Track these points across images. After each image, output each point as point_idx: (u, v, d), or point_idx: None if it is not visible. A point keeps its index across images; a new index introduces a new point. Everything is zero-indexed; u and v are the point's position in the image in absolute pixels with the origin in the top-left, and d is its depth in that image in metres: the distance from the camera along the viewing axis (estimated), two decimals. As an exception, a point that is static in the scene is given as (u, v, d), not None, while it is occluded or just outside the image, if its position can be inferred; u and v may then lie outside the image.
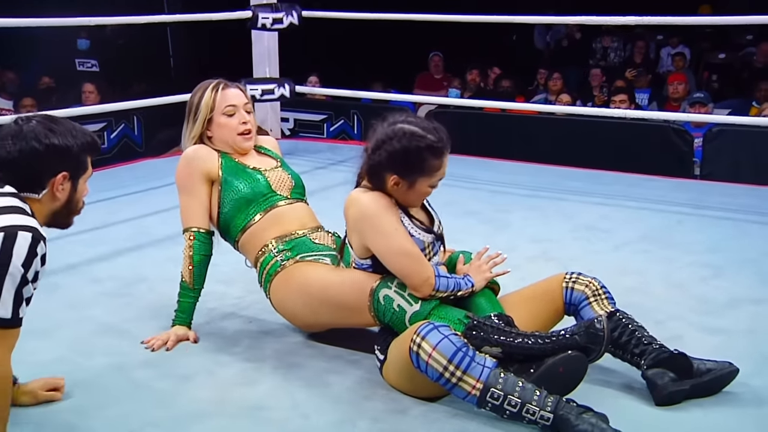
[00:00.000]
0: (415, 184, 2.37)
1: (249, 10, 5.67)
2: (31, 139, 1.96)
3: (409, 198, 2.42)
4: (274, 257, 2.68)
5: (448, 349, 2.11)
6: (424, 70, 9.47)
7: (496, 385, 2.09)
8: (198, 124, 2.81)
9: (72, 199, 2.07)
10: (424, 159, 2.34)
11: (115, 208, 4.39)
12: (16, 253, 1.84)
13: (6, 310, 1.85)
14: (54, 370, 2.49)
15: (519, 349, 2.24)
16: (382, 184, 2.39)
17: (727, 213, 4.35)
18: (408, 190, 2.39)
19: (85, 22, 5.19)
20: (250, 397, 2.37)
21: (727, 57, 9.38)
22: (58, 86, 8.17)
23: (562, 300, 2.48)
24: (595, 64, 9.25)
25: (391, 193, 2.40)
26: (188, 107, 2.85)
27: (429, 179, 2.38)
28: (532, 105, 7.47)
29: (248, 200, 2.75)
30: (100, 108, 5.71)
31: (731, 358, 2.49)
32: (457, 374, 2.10)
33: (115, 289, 3.24)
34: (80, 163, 2.05)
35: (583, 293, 2.46)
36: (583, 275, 2.50)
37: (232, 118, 2.80)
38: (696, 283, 3.30)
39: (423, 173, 2.36)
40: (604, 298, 2.46)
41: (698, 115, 6.00)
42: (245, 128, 2.82)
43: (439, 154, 2.35)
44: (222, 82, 2.84)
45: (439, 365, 2.11)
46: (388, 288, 2.38)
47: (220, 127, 2.80)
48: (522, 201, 4.63)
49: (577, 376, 2.23)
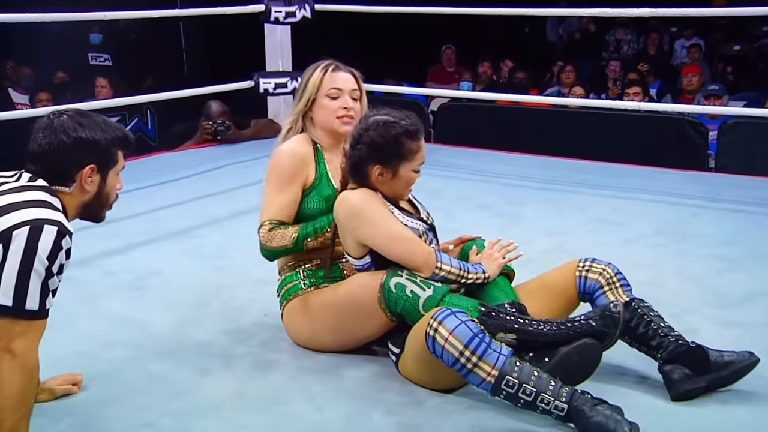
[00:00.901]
0: (398, 170, 2.42)
1: (262, 3, 5.67)
2: (60, 133, 2.00)
3: (395, 188, 2.46)
4: (299, 279, 2.63)
5: (465, 335, 2.11)
6: (437, 63, 9.45)
7: (511, 373, 2.08)
8: (302, 102, 2.73)
9: (102, 191, 2.10)
10: (401, 143, 2.39)
11: (129, 201, 4.39)
12: (41, 246, 1.87)
13: (34, 302, 1.89)
14: (71, 362, 2.51)
15: (534, 335, 2.24)
16: (366, 178, 2.43)
17: (742, 206, 4.33)
18: (393, 180, 2.43)
19: (99, 16, 5.19)
20: (265, 390, 2.38)
21: (742, 48, 9.32)
22: (72, 81, 8.19)
23: (575, 289, 2.48)
24: (609, 56, 9.20)
25: (377, 186, 2.44)
26: (298, 86, 2.80)
27: (410, 164, 2.42)
28: (545, 98, 7.44)
29: (309, 218, 2.65)
30: (114, 102, 5.73)
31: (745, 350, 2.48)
32: (473, 360, 2.10)
33: (130, 282, 3.25)
34: (109, 156, 2.08)
35: (597, 282, 2.45)
36: (596, 262, 2.49)
37: (335, 101, 2.70)
38: (711, 276, 3.29)
39: (403, 158, 2.41)
40: (618, 287, 2.44)
41: (713, 107, 5.96)
42: (345, 113, 2.69)
43: (414, 137, 2.41)
44: (334, 63, 2.76)
45: (455, 350, 2.11)
46: (399, 276, 2.36)
47: (321, 108, 2.70)
48: (535, 194, 4.62)
49: (591, 364, 2.23)
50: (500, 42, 9.43)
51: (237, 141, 5.86)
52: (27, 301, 1.88)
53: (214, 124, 5.80)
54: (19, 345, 1.89)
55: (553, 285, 2.52)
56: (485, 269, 2.47)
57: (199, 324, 2.83)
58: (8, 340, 1.88)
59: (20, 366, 1.90)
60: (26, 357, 1.91)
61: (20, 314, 1.88)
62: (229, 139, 5.84)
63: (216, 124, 5.80)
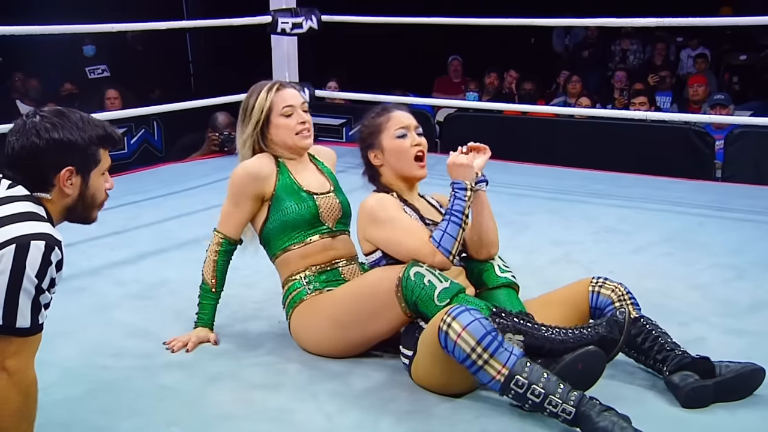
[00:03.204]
0: (382, 145, 2.61)
1: (269, 15, 5.69)
2: (32, 135, 1.90)
3: (395, 163, 2.61)
4: (303, 285, 2.67)
5: (478, 331, 2.12)
6: (443, 74, 9.47)
7: (521, 373, 2.09)
8: (251, 125, 2.78)
9: (85, 193, 1.99)
10: (371, 123, 2.64)
11: (137, 212, 4.43)
12: (29, 264, 1.81)
13: (25, 319, 1.84)
14: (81, 372, 2.53)
15: (541, 339, 2.25)
16: (371, 167, 2.66)
17: (749, 215, 4.32)
18: (387, 155, 2.61)
19: (107, 28, 5.22)
20: (273, 398, 2.38)
21: (748, 58, 9.31)
22: (80, 92, 8.24)
23: (587, 304, 2.50)
24: (615, 66, 9.20)
25: (383, 173, 2.64)
26: (242, 109, 2.82)
27: (388, 133, 2.60)
28: (552, 108, 7.44)
29: (293, 225, 2.71)
30: (120, 113, 5.76)
31: (757, 361, 2.47)
32: (484, 357, 2.10)
33: (139, 292, 3.26)
34: (88, 156, 1.96)
35: (609, 298, 2.48)
36: (609, 280, 2.52)
37: (289, 118, 2.76)
38: (719, 285, 3.28)
39: (380, 132, 2.62)
40: (629, 303, 2.47)
41: (719, 117, 5.96)
42: (303, 127, 2.77)
43: (381, 112, 2.66)
44: (277, 82, 2.82)
45: (467, 346, 2.11)
46: (420, 266, 2.39)
47: (278, 128, 2.76)
48: (543, 204, 4.63)
49: (595, 372, 2.24)
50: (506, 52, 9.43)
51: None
52: (18, 320, 1.82)
53: (221, 136, 5.82)
54: (14, 363, 1.85)
55: (565, 299, 2.54)
56: (463, 183, 2.52)
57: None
58: (2, 358, 1.84)
59: (16, 384, 1.87)
60: (22, 375, 1.88)
61: (12, 332, 1.83)
62: (233, 151, 5.84)
63: (222, 136, 5.82)
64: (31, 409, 1.95)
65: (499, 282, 2.56)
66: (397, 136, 2.60)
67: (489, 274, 2.58)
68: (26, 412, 1.93)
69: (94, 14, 5.31)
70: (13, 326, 1.83)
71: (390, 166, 2.63)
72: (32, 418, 1.95)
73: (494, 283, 2.56)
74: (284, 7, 5.76)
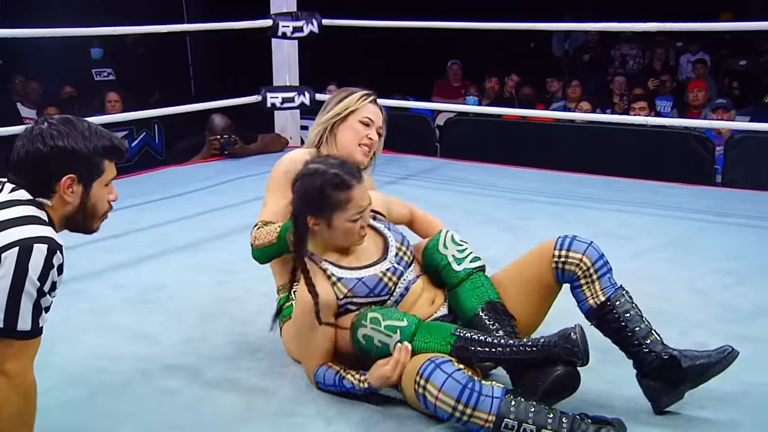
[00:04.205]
0: (331, 221, 2.34)
1: (269, 18, 5.70)
2: (38, 141, 1.92)
3: (335, 238, 2.39)
4: (291, 300, 2.59)
5: (454, 389, 2.07)
6: (443, 78, 9.48)
7: (508, 415, 2.05)
8: (330, 114, 2.77)
9: (86, 203, 1.99)
10: (327, 195, 2.32)
11: (137, 215, 4.43)
12: (31, 267, 1.81)
13: (26, 322, 1.84)
14: (80, 376, 2.52)
15: (508, 362, 2.24)
16: (305, 229, 2.37)
17: (749, 220, 4.32)
18: (330, 230, 2.36)
19: (107, 31, 5.23)
20: (273, 402, 2.38)
21: (747, 63, 9.33)
22: (80, 95, 8.25)
23: (554, 278, 2.41)
24: (614, 71, 9.22)
25: (317, 235, 2.39)
26: (331, 97, 2.82)
27: (344, 214, 2.33)
28: (552, 112, 7.45)
29: None
30: (121, 117, 5.77)
31: (758, 367, 2.49)
32: (467, 412, 2.07)
33: (139, 296, 3.26)
34: (92, 165, 1.97)
35: (573, 273, 2.37)
36: (573, 249, 2.38)
37: (364, 128, 2.75)
38: (719, 290, 3.28)
39: (333, 210, 2.33)
40: (596, 279, 2.35)
41: (719, 122, 5.97)
42: (369, 142, 2.75)
43: (341, 187, 2.32)
44: (374, 95, 2.82)
45: (447, 406, 2.08)
46: (364, 327, 2.30)
47: (349, 129, 2.75)
48: (543, 208, 4.62)
49: (574, 385, 2.21)
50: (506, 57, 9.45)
51: (244, 155, 5.88)
52: (19, 322, 1.83)
53: (221, 138, 5.82)
54: (13, 366, 1.85)
55: (531, 277, 2.44)
56: (372, 387, 2.32)
57: (206, 338, 2.84)
58: (2, 361, 1.84)
59: (15, 387, 1.86)
60: (21, 378, 1.87)
61: (13, 335, 1.83)
62: (237, 154, 5.85)
63: (223, 138, 5.82)
64: (31, 412, 1.95)
65: (460, 277, 2.46)
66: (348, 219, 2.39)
67: (448, 272, 2.48)
68: (26, 416, 1.93)
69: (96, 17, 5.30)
70: (14, 329, 1.83)
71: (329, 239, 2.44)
72: (32, 421, 1.95)
73: (456, 279, 2.47)
74: (285, 10, 5.77)
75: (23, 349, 1.87)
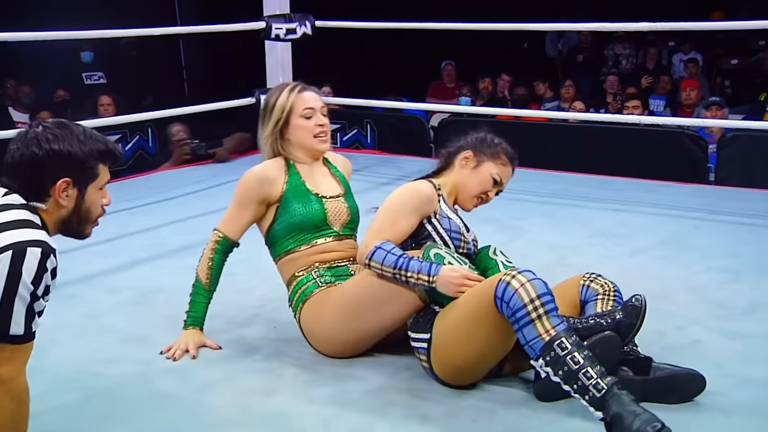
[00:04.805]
0: (482, 164, 2.66)
1: (262, 20, 5.69)
2: (33, 145, 1.92)
3: (472, 180, 2.66)
4: (313, 279, 2.66)
5: (541, 287, 2.16)
6: (437, 79, 9.48)
7: (568, 338, 2.11)
8: (271, 124, 2.78)
9: (80, 207, 2.00)
10: (496, 145, 2.71)
11: (131, 218, 4.42)
12: (25, 270, 1.80)
13: (19, 327, 1.83)
14: (75, 379, 2.51)
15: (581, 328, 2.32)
16: (452, 164, 2.70)
17: (743, 218, 4.33)
18: (473, 170, 2.66)
19: (100, 34, 5.21)
20: (271, 404, 2.37)
21: (740, 62, 9.36)
22: (73, 99, 8.22)
23: (578, 297, 2.53)
24: (608, 71, 9.24)
25: (456, 175, 2.68)
26: (263, 109, 2.82)
27: (494, 167, 2.67)
28: (546, 112, 7.46)
29: (300, 227, 2.71)
30: (114, 120, 5.74)
31: (752, 363, 2.49)
32: (539, 311, 2.13)
33: (133, 299, 3.25)
34: (86, 169, 1.98)
35: (595, 291, 2.52)
36: (602, 277, 2.56)
37: (309, 120, 2.76)
38: (714, 288, 3.29)
39: (491, 158, 2.68)
40: (611, 299, 2.49)
41: (712, 121, 5.98)
42: (321, 129, 2.78)
43: (508, 156, 2.74)
44: (300, 84, 2.82)
45: (527, 296, 2.14)
46: (438, 248, 2.46)
47: (297, 129, 2.77)
48: (537, 208, 4.63)
49: (612, 356, 2.27)
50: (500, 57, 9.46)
51: (227, 160, 5.90)
52: (12, 327, 1.81)
53: (191, 143, 5.88)
54: (6, 371, 1.84)
55: (559, 293, 2.47)
56: (438, 273, 2.38)
57: (202, 340, 2.83)
58: None
59: (9, 392, 1.86)
60: (14, 383, 1.87)
61: (5, 339, 1.82)
62: (221, 158, 5.88)
63: (194, 144, 5.89)
64: (24, 417, 1.94)
65: None
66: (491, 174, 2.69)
67: (494, 273, 2.54)
68: (19, 421, 1.92)
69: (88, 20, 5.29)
70: (7, 333, 1.82)
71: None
72: (24, 427, 1.94)
73: None
74: (278, 12, 5.76)
75: (16, 353, 1.86)
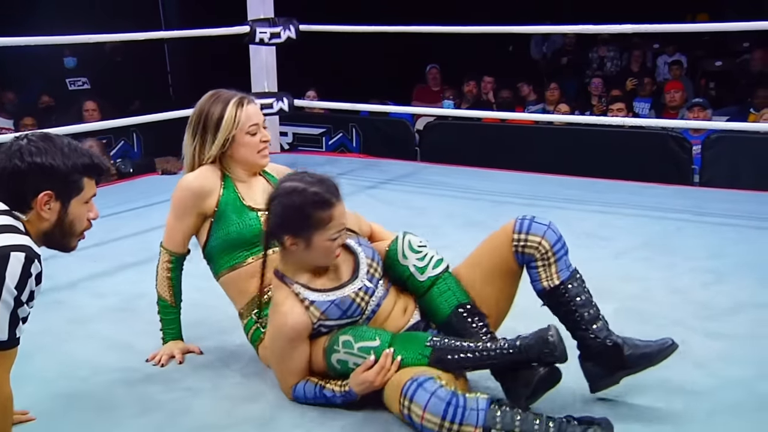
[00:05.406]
0: (311, 241, 2.28)
1: (247, 25, 5.69)
2: (15, 157, 1.93)
3: (313, 258, 2.33)
4: (256, 324, 2.60)
5: (438, 408, 2.07)
6: (422, 82, 9.50)
7: (495, 426, 2.06)
8: (218, 142, 2.63)
9: (63, 220, 2.00)
10: (308, 215, 2.26)
11: (117, 223, 4.41)
12: (9, 275, 1.81)
13: (2, 332, 1.83)
14: (61, 385, 2.51)
15: (486, 366, 2.27)
16: (282, 245, 2.34)
17: (727, 219, 4.36)
18: (307, 250, 2.30)
19: (84, 39, 5.19)
20: (256, 409, 2.37)
21: (724, 64, 9.41)
22: (57, 105, 8.19)
23: (515, 262, 2.41)
24: (592, 74, 9.28)
25: (292, 255, 2.33)
26: (203, 121, 2.65)
27: (324, 233, 2.27)
28: (531, 115, 7.49)
29: (235, 244, 2.62)
30: (98, 125, 5.73)
31: (735, 363, 2.51)
32: (454, 428, 2.07)
33: (119, 305, 3.24)
34: (70, 183, 1.98)
35: (532, 256, 2.38)
36: (532, 233, 2.39)
37: (254, 137, 2.66)
38: (698, 288, 3.31)
39: (314, 228, 2.27)
40: (552, 263, 2.37)
41: (696, 122, 6.02)
42: (264, 146, 2.69)
43: (323, 206, 2.26)
44: (244, 97, 2.68)
45: (434, 425, 2.08)
46: (337, 352, 2.29)
47: (243, 146, 2.64)
48: (522, 210, 4.56)
49: (556, 381, 2.25)
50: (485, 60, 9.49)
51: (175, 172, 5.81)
52: None
53: (115, 163, 6.10)
54: None
55: (493, 265, 2.44)
56: (354, 395, 2.30)
57: (188, 345, 2.83)
58: None
59: None
60: None
61: None
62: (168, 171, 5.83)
63: (117, 162, 6.13)
64: (7, 424, 1.93)
65: (426, 286, 2.42)
66: (329, 239, 2.31)
67: (413, 282, 2.44)
68: (3, 427, 1.91)
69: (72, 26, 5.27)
70: None
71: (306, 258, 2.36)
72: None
73: (422, 289, 2.43)
74: (262, 17, 5.76)
75: (0, 359, 1.86)
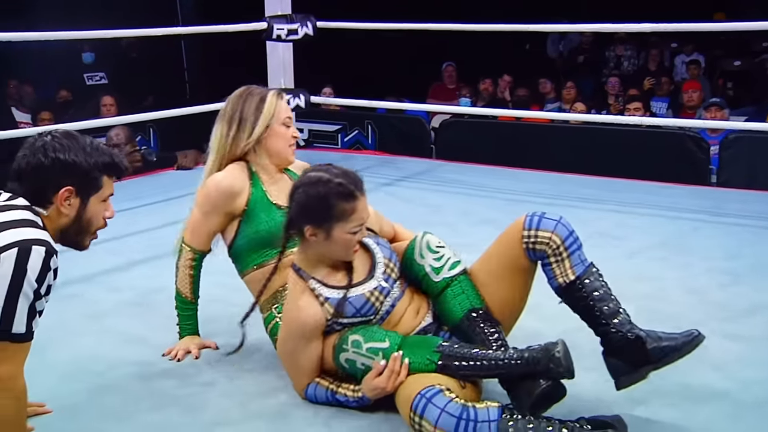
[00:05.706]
0: (331, 232, 2.27)
1: (264, 21, 5.69)
2: (39, 153, 1.97)
3: (332, 250, 2.31)
4: (275, 318, 2.62)
5: (449, 424, 2.04)
6: (438, 80, 9.48)
7: None
8: (258, 129, 2.63)
9: (81, 216, 2.04)
10: (331, 205, 2.25)
11: (132, 219, 4.42)
12: (30, 268, 1.84)
13: (21, 325, 1.85)
14: (77, 379, 2.52)
15: (492, 377, 2.24)
16: (302, 236, 2.32)
17: (744, 219, 4.33)
18: (327, 241, 2.28)
19: (101, 35, 5.22)
20: (271, 404, 2.38)
21: (742, 64, 9.34)
22: (75, 99, 8.23)
23: (527, 259, 2.36)
24: (609, 72, 9.24)
25: (311, 246, 2.32)
26: (241, 110, 2.65)
27: (345, 225, 2.26)
28: (547, 113, 7.46)
29: (263, 243, 2.62)
30: (114, 120, 5.75)
31: (753, 364, 2.50)
32: None
33: (134, 299, 3.26)
34: (90, 180, 2.02)
35: (544, 252, 2.33)
36: (542, 229, 2.34)
37: (288, 129, 2.68)
38: (714, 289, 3.29)
39: (335, 220, 2.25)
40: (565, 257, 2.32)
41: (714, 122, 5.97)
42: (294, 141, 2.72)
43: (347, 197, 2.25)
44: (279, 90, 2.72)
45: None
46: (345, 351, 2.28)
47: (278, 136, 2.65)
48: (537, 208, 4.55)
49: (559, 397, 2.19)
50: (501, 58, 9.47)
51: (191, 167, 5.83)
52: (15, 325, 1.84)
53: (141, 149, 5.97)
54: (6, 370, 1.86)
55: (506, 264, 2.39)
56: (367, 399, 2.29)
57: (203, 340, 2.83)
58: None
59: (8, 391, 1.88)
60: (13, 382, 1.89)
61: (7, 338, 1.84)
62: (183, 167, 5.85)
63: (143, 150, 5.98)
64: (22, 418, 1.96)
65: (440, 287, 2.41)
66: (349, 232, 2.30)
67: (428, 282, 2.42)
68: (19, 420, 1.93)
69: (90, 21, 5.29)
70: (9, 331, 1.84)
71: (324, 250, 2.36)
72: (23, 426, 1.95)
73: (437, 290, 2.41)
74: (279, 13, 5.77)
75: (17, 352, 1.88)
